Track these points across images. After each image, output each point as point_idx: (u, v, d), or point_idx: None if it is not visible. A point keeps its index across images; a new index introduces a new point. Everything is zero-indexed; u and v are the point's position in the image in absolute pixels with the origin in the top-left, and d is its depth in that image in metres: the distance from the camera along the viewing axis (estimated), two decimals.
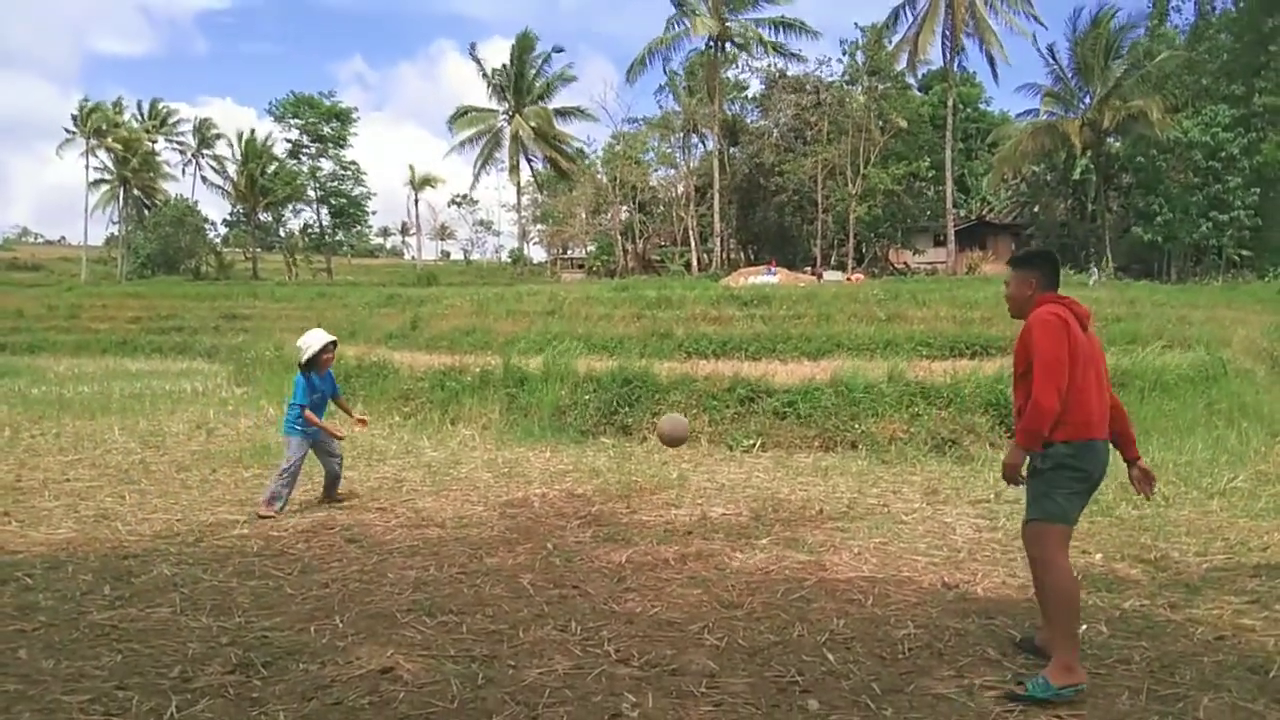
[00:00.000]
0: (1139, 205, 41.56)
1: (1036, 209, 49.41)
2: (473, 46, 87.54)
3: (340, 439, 7.28)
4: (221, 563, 5.50)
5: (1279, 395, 11.76)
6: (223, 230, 73.98)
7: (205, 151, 68.32)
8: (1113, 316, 16.08)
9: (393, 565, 5.52)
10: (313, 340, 7.07)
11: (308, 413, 6.87)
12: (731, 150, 48.44)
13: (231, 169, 61.22)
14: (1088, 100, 42.06)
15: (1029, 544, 3.92)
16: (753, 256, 48.28)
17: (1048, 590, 3.78)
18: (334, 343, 7.20)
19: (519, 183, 56.62)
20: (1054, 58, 42.87)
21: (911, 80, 49.57)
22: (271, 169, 60.23)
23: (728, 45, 45.98)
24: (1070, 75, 42.80)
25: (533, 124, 54.15)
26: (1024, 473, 3.85)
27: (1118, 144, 42.68)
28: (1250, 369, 12.44)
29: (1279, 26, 38.81)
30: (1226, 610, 4.63)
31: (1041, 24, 41.12)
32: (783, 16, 44.41)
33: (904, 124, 44.08)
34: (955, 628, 4.43)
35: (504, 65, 54.35)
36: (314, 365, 7.00)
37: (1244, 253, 39.49)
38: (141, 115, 66.88)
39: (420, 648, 4.17)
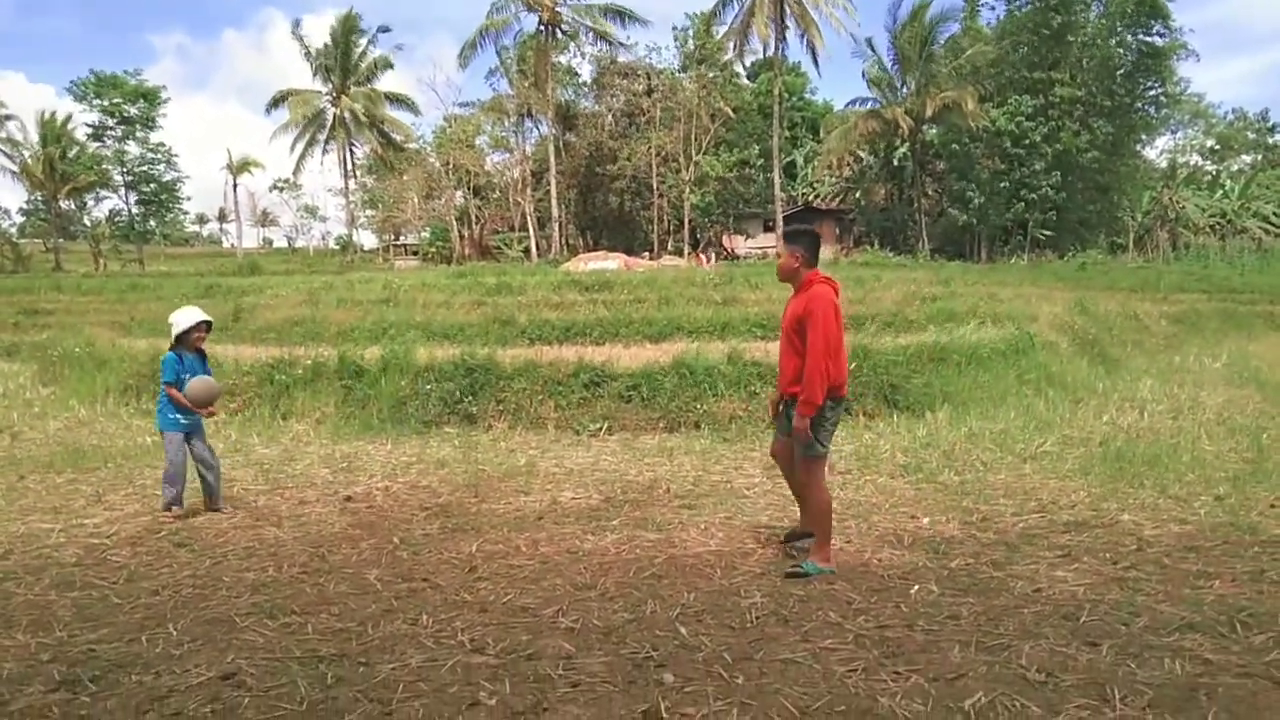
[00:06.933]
0: (953, 190, 44.29)
1: (859, 194, 51.82)
2: (296, 24, 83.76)
3: (210, 415, 6.84)
4: (36, 575, 5.09)
5: (1080, 365, 12.79)
6: (18, 220, 68.03)
7: None
8: (930, 296, 17.10)
9: (228, 569, 5.26)
10: (183, 318, 6.73)
11: (171, 390, 6.52)
12: (568, 136, 48.30)
13: (26, 153, 56.14)
14: (905, 91, 44.43)
15: (803, 474, 5.10)
16: (592, 242, 48.40)
17: (813, 505, 5.08)
18: (207, 323, 6.81)
19: (345, 167, 54.62)
20: (873, 50, 45.07)
21: (740, 69, 50.87)
22: (73, 153, 55.64)
23: (559, 31, 45.65)
24: (891, 66, 45.11)
25: (359, 106, 52.32)
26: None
27: (933, 132, 45.27)
28: (1055, 341, 13.46)
29: (1070, 23, 42.01)
30: (1042, 565, 5.02)
31: (855, 20, 43.05)
32: (612, 3, 44.40)
33: (731, 112, 45.17)
34: (799, 595, 4.62)
35: (327, 45, 52.23)
36: (183, 343, 6.68)
37: (1046, 233, 42.73)
38: None
39: (263, 651, 4.00)
